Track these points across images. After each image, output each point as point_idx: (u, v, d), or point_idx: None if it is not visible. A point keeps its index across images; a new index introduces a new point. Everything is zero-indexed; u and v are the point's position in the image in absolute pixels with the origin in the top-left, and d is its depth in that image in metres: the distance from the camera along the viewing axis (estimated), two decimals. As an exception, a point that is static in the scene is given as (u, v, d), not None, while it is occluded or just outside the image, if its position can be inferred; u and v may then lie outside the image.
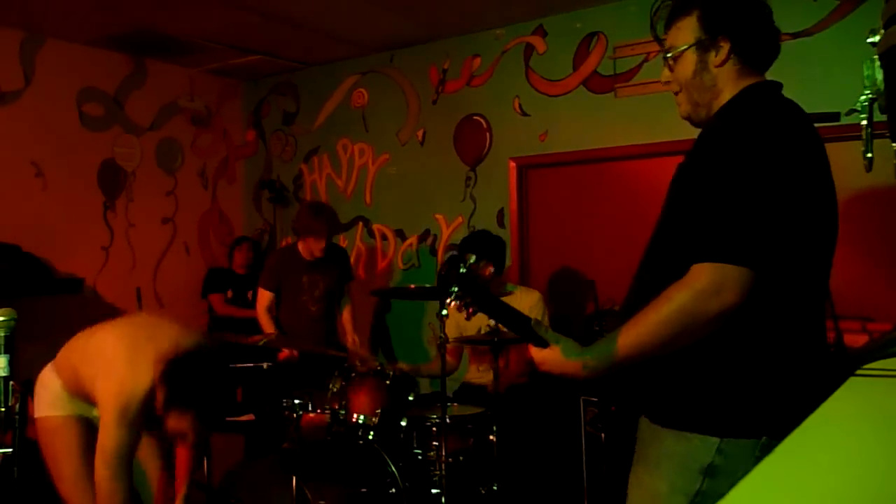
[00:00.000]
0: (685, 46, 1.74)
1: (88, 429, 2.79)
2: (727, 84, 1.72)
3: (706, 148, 1.63)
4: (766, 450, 1.48)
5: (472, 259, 1.70)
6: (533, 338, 1.72)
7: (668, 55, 1.78)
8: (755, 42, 1.71)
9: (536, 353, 1.72)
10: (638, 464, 1.74)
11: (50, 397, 2.81)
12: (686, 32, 1.74)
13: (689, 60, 1.74)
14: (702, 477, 1.55)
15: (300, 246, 4.45)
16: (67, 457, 2.76)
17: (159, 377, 2.49)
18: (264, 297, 4.48)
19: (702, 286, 1.49)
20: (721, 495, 1.48)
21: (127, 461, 2.53)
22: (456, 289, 1.68)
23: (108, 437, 2.52)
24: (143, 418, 2.55)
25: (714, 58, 1.71)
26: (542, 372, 1.73)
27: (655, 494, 1.64)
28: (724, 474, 1.53)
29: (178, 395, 2.47)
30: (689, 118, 1.82)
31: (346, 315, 4.69)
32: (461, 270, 1.68)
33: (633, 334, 1.57)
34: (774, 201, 1.52)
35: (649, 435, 1.70)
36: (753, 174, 1.53)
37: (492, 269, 1.70)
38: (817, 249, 1.63)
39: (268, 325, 4.41)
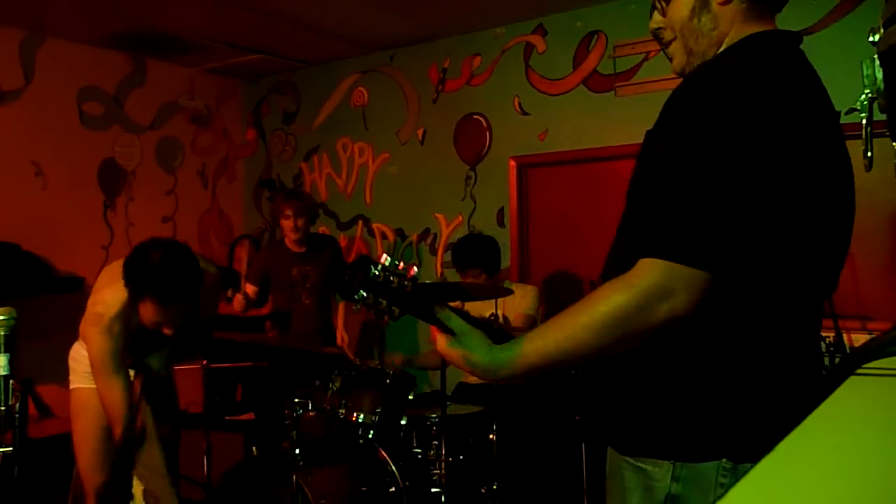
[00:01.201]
0: None
1: None
2: (730, 27, 1.41)
3: (673, 108, 1.33)
4: (729, 474, 1.28)
5: (388, 261, 1.32)
6: (436, 322, 1.35)
7: None
8: None
9: (440, 341, 1.37)
10: (608, 496, 1.53)
11: (81, 369, 2.95)
12: None
13: None
14: None
15: (286, 238, 4.46)
16: (90, 431, 2.89)
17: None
18: (248, 289, 4.49)
19: (647, 287, 1.21)
20: None
21: (114, 365, 2.74)
22: (364, 294, 1.29)
23: (90, 346, 2.75)
24: (125, 329, 2.76)
25: None
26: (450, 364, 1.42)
27: None
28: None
29: (131, 283, 2.62)
30: (682, 73, 1.50)
31: (340, 310, 4.67)
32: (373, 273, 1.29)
33: (555, 336, 1.28)
34: (749, 187, 1.22)
35: (610, 462, 1.48)
36: (726, 150, 1.22)
37: (415, 271, 1.33)
38: (805, 249, 1.32)
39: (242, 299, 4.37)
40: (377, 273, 1.28)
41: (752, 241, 1.24)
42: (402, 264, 1.32)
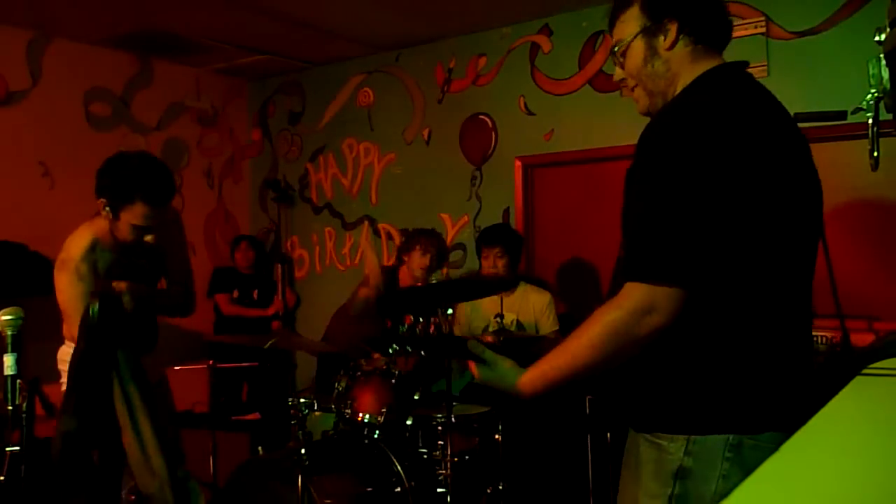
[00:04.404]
0: (631, 37, 1.66)
1: None
2: (682, 68, 1.63)
3: (644, 146, 1.52)
4: (735, 449, 1.46)
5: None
6: (472, 357, 1.72)
7: (616, 50, 1.71)
8: (706, 18, 1.63)
9: (477, 370, 1.70)
10: (623, 470, 1.75)
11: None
12: (630, 24, 1.67)
13: (638, 49, 1.66)
14: (673, 480, 1.50)
15: (402, 271, 4.21)
16: None
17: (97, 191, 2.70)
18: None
19: (632, 307, 1.44)
20: (695, 496, 1.48)
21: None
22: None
23: (61, 292, 2.70)
24: (92, 272, 2.72)
25: (663, 41, 1.63)
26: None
27: (635, 501, 1.61)
28: (695, 476, 1.48)
29: (118, 189, 2.66)
30: (648, 113, 1.72)
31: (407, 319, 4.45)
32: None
33: (565, 357, 1.55)
34: (715, 207, 1.42)
35: (630, 441, 1.70)
36: (688, 179, 1.42)
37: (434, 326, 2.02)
38: (782, 248, 1.52)
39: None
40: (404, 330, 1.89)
41: (726, 253, 1.44)
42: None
